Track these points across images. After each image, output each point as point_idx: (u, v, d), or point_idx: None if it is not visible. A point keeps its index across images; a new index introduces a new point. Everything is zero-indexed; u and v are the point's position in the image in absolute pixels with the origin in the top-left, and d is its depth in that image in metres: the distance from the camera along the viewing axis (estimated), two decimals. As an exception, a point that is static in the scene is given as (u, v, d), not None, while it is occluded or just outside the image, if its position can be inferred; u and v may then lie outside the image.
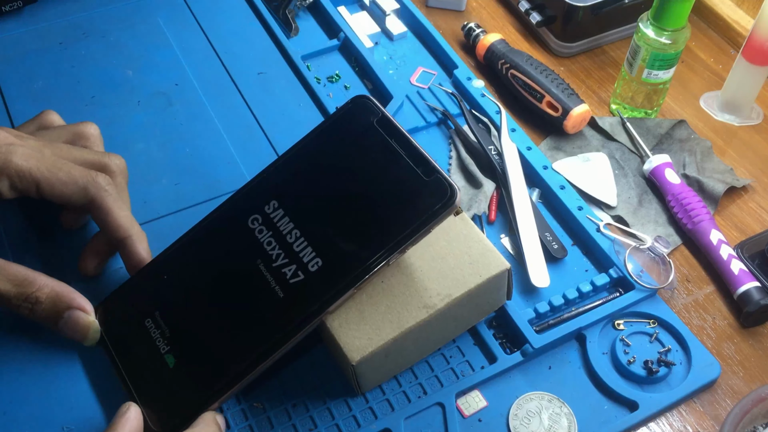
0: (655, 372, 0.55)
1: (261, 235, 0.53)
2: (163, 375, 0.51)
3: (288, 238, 0.52)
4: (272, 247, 0.52)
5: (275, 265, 0.51)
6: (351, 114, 0.55)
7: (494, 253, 0.54)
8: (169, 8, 0.80)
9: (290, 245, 0.52)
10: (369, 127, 0.54)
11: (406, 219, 0.50)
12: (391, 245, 0.49)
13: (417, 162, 0.51)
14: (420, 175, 0.51)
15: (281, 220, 0.53)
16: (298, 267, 0.51)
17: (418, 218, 0.49)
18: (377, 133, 0.53)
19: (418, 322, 0.51)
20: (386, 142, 0.53)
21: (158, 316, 0.53)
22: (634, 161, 0.71)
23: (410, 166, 0.51)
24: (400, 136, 0.53)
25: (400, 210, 0.50)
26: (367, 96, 0.56)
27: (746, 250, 0.63)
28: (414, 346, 0.53)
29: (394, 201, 0.51)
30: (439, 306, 0.51)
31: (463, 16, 0.86)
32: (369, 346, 0.50)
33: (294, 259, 0.51)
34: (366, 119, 0.54)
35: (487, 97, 0.73)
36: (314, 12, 0.83)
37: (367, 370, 0.52)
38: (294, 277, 0.51)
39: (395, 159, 0.52)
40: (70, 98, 0.71)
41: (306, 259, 0.51)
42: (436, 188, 0.50)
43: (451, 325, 0.55)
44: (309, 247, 0.51)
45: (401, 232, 0.49)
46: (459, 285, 0.52)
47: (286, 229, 0.52)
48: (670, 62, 0.70)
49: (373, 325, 0.51)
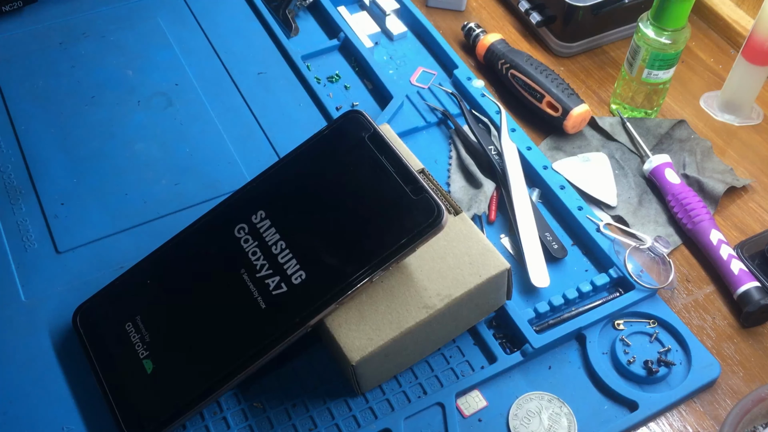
0: (655, 372, 0.55)
1: (246, 245, 0.53)
2: (139, 380, 0.51)
3: (273, 249, 0.52)
4: (257, 258, 0.52)
5: (259, 275, 0.51)
6: (343, 128, 0.56)
7: (494, 253, 0.54)
8: (169, 8, 0.80)
9: (275, 256, 0.52)
10: (360, 143, 0.54)
11: (392, 237, 0.50)
12: (375, 262, 0.50)
13: (406, 180, 0.51)
14: (408, 193, 0.51)
15: (267, 231, 0.53)
16: (282, 279, 0.51)
17: (404, 236, 0.50)
18: (368, 148, 0.54)
19: (418, 322, 0.51)
20: (376, 158, 0.53)
21: (139, 320, 0.53)
22: (634, 161, 0.71)
23: (399, 184, 0.51)
24: (390, 154, 0.53)
25: (387, 227, 0.50)
26: (360, 111, 0.56)
27: (746, 250, 0.63)
28: (414, 346, 0.53)
29: (381, 218, 0.51)
30: (439, 306, 0.51)
31: (463, 16, 0.86)
32: (369, 346, 0.50)
33: (278, 270, 0.51)
34: (357, 134, 0.54)
35: (487, 97, 0.73)
36: (314, 12, 0.83)
37: (366, 370, 0.51)
38: (277, 288, 0.51)
39: (384, 176, 0.52)
40: (70, 98, 0.71)
41: (290, 272, 0.51)
42: (423, 207, 0.50)
43: (451, 325, 0.55)
44: (294, 259, 0.51)
45: (386, 249, 0.50)
46: (459, 285, 0.52)
47: (272, 240, 0.52)
48: (670, 62, 0.70)
49: (372, 325, 0.51)
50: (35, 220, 0.62)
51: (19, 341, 0.56)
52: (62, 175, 0.65)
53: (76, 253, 0.60)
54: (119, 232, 0.62)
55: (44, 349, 0.55)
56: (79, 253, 0.60)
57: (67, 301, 0.58)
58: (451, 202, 0.56)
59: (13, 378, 0.54)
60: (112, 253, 0.60)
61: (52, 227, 0.62)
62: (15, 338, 0.56)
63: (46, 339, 0.56)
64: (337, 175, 0.54)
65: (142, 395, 0.51)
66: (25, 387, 0.53)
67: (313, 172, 0.55)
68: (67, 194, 0.64)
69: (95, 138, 0.68)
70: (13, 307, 0.57)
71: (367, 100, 0.74)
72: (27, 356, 0.55)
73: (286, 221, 0.53)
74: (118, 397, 0.51)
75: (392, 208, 0.51)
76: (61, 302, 0.58)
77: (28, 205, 0.63)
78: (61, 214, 0.63)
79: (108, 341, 0.53)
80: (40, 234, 0.61)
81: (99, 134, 0.69)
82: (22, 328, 0.56)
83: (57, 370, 0.54)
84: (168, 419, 0.49)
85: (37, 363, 0.55)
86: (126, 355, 0.52)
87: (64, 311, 0.57)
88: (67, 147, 0.67)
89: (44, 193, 0.64)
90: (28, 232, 0.62)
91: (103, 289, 0.56)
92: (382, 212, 0.51)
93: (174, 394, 0.50)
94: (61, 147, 0.67)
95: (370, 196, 0.52)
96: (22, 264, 0.60)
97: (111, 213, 0.63)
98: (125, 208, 0.63)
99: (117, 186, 0.65)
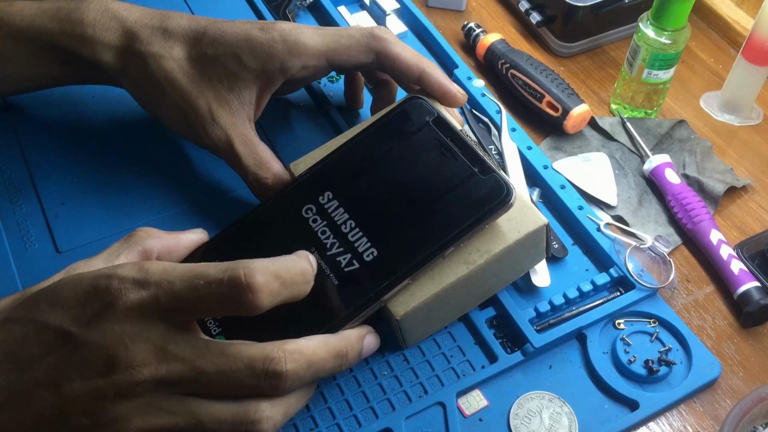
0: (655, 371, 0.55)
1: (315, 224, 0.54)
2: None
3: (342, 228, 0.53)
4: (326, 236, 0.53)
5: (329, 253, 0.52)
6: (405, 113, 0.57)
7: (532, 210, 0.54)
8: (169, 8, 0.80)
9: (345, 235, 0.52)
10: (424, 126, 0.55)
11: (463, 214, 0.51)
12: (447, 239, 0.51)
13: (473, 161, 0.53)
14: (476, 173, 0.52)
15: (336, 211, 0.54)
16: (353, 256, 0.52)
17: (476, 214, 0.51)
18: (433, 132, 0.55)
19: (459, 278, 0.52)
20: (442, 141, 0.54)
21: None
22: (634, 161, 0.71)
23: (467, 165, 0.53)
24: (456, 136, 0.54)
25: (457, 206, 0.52)
26: (421, 96, 0.57)
27: (746, 250, 0.63)
28: (455, 301, 0.54)
29: (451, 196, 0.52)
30: (480, 262, 0.52)
31: (463, 16, 0.86)
32: (412, 302, 0.51)
33: (349, 248, 0.52)
34: (421, 118, 0.56)
35: (487, 97, 0.73)
36: (314, 12, 0.83)
37: (410, 324, 0.53)
38: (349, 265, 0.51)
39: (452, 157, 0.53)
40: (70, 98, 0.71)
41: (361, 249, 0.52)
42: (493, 186, 0.51)
43: (491, 281, 0.55)
44: (364, 237, 0.52)
45: (459, 226, 0.51)
46: (498, 241, 0.53)
47: (341, 219, 0.53)
48: (670, 62, 0.70)
49: (415, 281, 0.52)
50: (35, 220, 0.62)
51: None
52: (62, 175, 0.65)
53: (77, 253, 0.60)
54: (119, 232, 0.62)
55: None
56: (79, 253, 0.60)
57: (68, 300, 0.58)
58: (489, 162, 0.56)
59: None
60: (113, 253, 0.60)
61: (53, 227, 0.62)
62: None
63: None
64: (403, 156, 0.55)
65: None
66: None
67: (378, 155, 0.56)
68: (67, 194, 0.64)
69: (95, 138, 0.68)
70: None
71: (367, 99, 0.74)
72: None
73: (354, 202, 0.54)
74: None
75: (462, 187, 0.52)
76: (61, 302, 0.58)
77: (28, 205, 0.63)
78: (61, 214, 0.63)
79: None
80: (41, 234, 0.61)
81: (99, 134, 0.68)
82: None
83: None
84: None
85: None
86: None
87: (65, 311, 0.57)
88: (68, 147, 0.67)
89: (44, 193, 0.64)
90: (28, 232, 0.62)
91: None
92: (451, 191, 0.52)
93: None
94: (61, 147, 0.67)
95: (439, 176, 0.53)
96: (23, 264, 0.60)
97: (111, 213, 0.63)
98: (125, 208, 0.63)
99: (117, 186, 0.65)
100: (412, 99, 0.57)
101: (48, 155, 0.67)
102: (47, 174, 0.65)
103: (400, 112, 0.57)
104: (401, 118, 0.57)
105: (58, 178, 0.65)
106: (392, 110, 0.57)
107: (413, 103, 0.57)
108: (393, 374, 0.55)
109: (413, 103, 0.57)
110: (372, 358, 0.55)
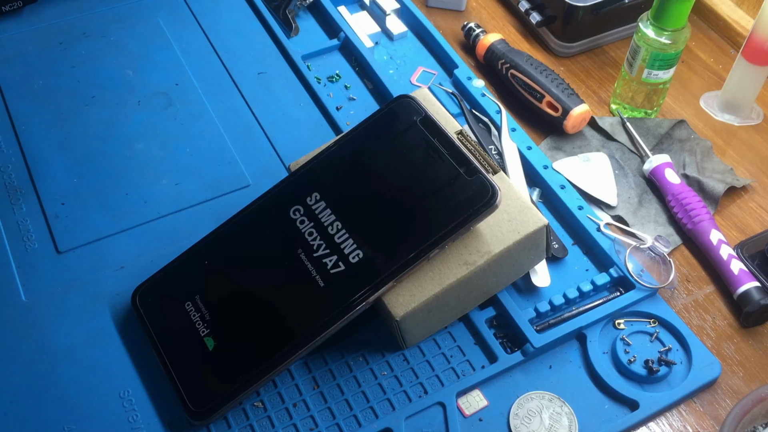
0: (655, 371, 0.55)
1: (302, 226, 0.54)
2: (202, 357, 0.52)
3: (329, 229, 0.53)
4: (313, 238, 0.53)
5: (316, 255, 0.52)
6: (394, 113, 0.57)
7: (532, 210, 0.54)
8: (169, 8, 0.80)
9: (331, 236, 0.53)
10: (412, 126, 0.55)
11: (449, 216, 0.51)
12: (432, 241, 0.51)
13: (460, 162, 0.53)
14: (462, 174, 0.52)
15: (323, 212, 0.54)
16: (339, 258, 0.52)
17: (461, 216, 0.51)
18: (420, 131, 0.55)
19: (459, 278, 0.52)
20: (429, 141, 0.54)
21: (198, 300, 0.54)
22: (634, 161, 0.71)
23: (453, 166, 0.53)
24: (443, 137, 0.54)
25: (443, 207, 0.52)
26: (410, 96, 0.57)
27: (746, 250, 0.63)
28: (455, 301, 0.54)
29: (436, 198, 0.52)
30: (480, 263, 0.53)
31: (463, 16, 0.86)
32: (412, 303, 0.52)
33: (335, 250, 0.52)
34: (409, 118, 0.56)
35: (487, 97, 0.73)
36: (314, 12, 0.83)
37: (410, 325, 0.53)
38: (335, 267, 0.52)
39: (438, 157, 0.53)
40: (70, 98, 0.71)
41: (347, 251, 0.52)
42: (478, 188, 0.51)
43: (491, 281, 0.56)
44: (350, 239, 0.52)
45: (443, 228, 0.51)
46: (498, 242, 0.53)
47: (328, 220, 0.53)
48: (670, 62, 0.70)
49: (415, 282, 0.52)
50: (36, 220, 0.62)
51: (20, 341, 0.55)
52: (62, 175, 0.65)
53: (77, 253, 0.60)
54: (119, 232, 0.62)
55: (45, 348, 0.55)
56: (79, 253, 0.60)
57: (68, 300, 0.58)
58: (490, 162, 0.56)
59: (13, 378, 0.54)
60: (113, 253, 0.61)
61: (53, 227, 0.62)
62: (15, 338, 0.56)
63: (46, 338, 0.56)
64: (390, 157, 0.55)
65: (205, 371, 0.52)
66: (25, 387, 0.53)
67: (365, 156, 0.56)
68: (67, 194, 0.64)
69: (95, 138, 0.68)
70: (13, 307, 0.57)
71: (368, 99, 0.74)
72: (27, 356, 0.55)
73: (341, 202, 0.54)
74: (182, 375, 0.52)
75: (447, 189, 0.52)
76: (61, 302, 0.58)
77: (28, 205, 0.63)
78: (61, 214, 0.63)
79: (168, 320, 0.54)
80: (41, 234, 0.61)
81: (99, 134, 0.69)
82: (22, 328, 0.56)
83: (58, 369, 0.54)
84: (232, 393, 0.50)
85: (38, 363, 0.55)
86: (187, 332, 0.53)
87: (65, 311, 0.57)
88: (68, 147, 0.67)
89: (44, 193, 0.64)
90: (28, 232, 0.62)
91: (160, 271, 0.57)
92: (437, 192, 0.52)
93: (238, 369, 0.51)
94: (61, 147, 0.67)
95: (425, 177, 0.53)
96: (23, 264, 0.60)
97: (111, 213, 0.63)
98: (125, 208, 0.63)
99: (117, 186, 0.65)
100: (400, 98, 0.57)
101: (48, 155, 0.67)
102: (47, 174, 0.65)
103: (388, 111, 0.57)
104: (389, 117, 0.57)
105: (59, 178, 0.65)
106: (381, 110, 0.57)
107: (401, 103, 0.57)
108: (393, 374, 0.55)
109: (401, 103, 0.57)
110: (372, 358, 0.56)
